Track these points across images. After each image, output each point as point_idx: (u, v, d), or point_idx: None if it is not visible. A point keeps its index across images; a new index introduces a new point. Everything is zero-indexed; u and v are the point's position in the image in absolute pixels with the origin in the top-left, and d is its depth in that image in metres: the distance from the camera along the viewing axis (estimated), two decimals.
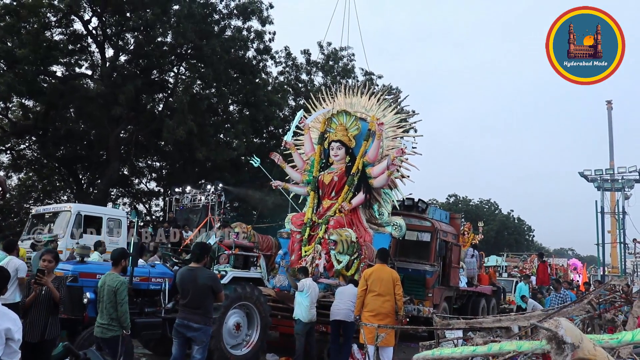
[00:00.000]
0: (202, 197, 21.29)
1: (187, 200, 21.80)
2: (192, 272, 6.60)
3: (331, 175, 12.13)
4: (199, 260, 6.68)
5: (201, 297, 6.47)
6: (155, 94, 27.91)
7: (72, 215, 15.01)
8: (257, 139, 30.19)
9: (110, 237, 15.54)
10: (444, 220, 14.35)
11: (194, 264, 6.69)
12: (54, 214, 15.86)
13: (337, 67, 30.91)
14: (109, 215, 16.26)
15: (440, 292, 13.10)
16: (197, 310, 6.47)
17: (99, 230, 15.52)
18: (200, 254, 6.75)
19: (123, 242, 15.64)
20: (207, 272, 6.76)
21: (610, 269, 38.56)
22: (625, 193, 38.43)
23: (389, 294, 8.17)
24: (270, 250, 12.17)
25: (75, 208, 15.49)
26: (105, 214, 16.29)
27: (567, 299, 11.64)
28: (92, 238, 14.37)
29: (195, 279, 6.49)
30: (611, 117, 45.55)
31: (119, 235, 15.93)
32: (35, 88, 23.15)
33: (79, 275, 7.60)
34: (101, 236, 15.05)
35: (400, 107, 12.71)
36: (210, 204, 20.47)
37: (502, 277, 23.87)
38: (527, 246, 68.40)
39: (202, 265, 6.69)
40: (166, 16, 23.79)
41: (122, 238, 16.00)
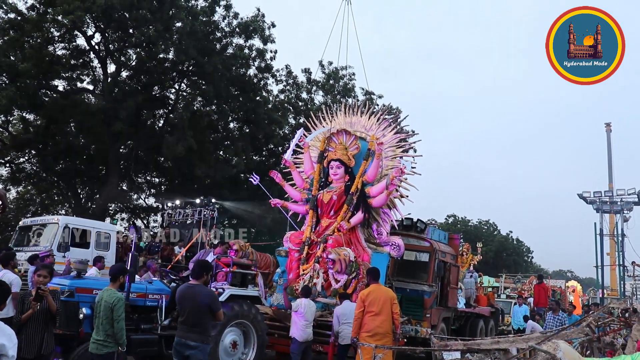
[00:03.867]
0: (195, 212, 20.69)
1: (180, 216, 21.25)
2: (190, 289, 6.48)
3: (330, 194, 12.12)
4: (198, 277, 6.56)
5: (199, 315, 6.37)
6: (156, 110, 28.02)
7: (60, 227, 14.72)
8: (256, 156, 30.27)
9: (99, 250, 15.12)
10: (443, 240, 14.30)
11: (194, 281, 6.57)
12: (41, 226, 15.51)
13: (338, 86, 31.08)
14: (98, 229, 15.91)
15: (438, 312, 13.02)
16: (194, 328, 6.37)
17: (87, 243, 15.20)
18: (200, 271, 6.61)
19: (112, 256, 15.37)
20: (205, 290, 6.59)
21: (610, 292, 38.45)
22: (624, 215, 38.49)
23: (387, 314, 8.11)
24: (269, 268, 12.13)
25: (63, 220, 15.19)
26: (94, 227, 15.90)
27: (565, 321, 11.56)
28: (80, 252, 14.13)
29: (194, 297, 6.38)
30: (610, 140, 45.79)
31: (107, 250, 15.57)
32: (36, 102, 23.27)
33: (76, 290, 7.56)
34: (89, 250, 14.77)
35: (400, 127, 12.72)
36: (202, 220, 19.95)
37: (500, 299, 23.77)
38: (525, 267, 68.24)
39: (201, 282, 6.58)
40: (168, 33, 23.98)
41: (111, 252, 15.69)
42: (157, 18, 23.13)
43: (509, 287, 31.45)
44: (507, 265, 60.82)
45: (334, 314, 9.54)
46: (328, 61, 30.69)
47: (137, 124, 25.38)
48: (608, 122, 45.83)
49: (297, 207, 12.86)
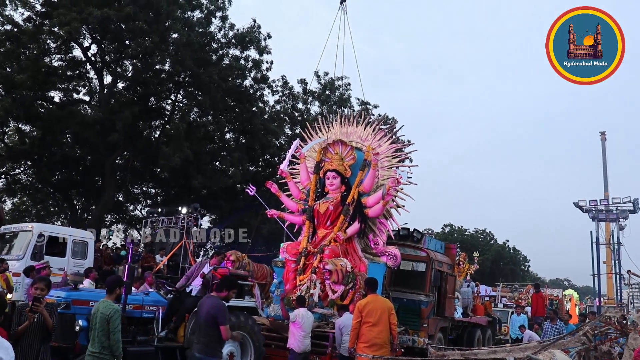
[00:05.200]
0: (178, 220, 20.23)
1: (163, 224, 20.72)
2: (204, 301, 6.58)
3: (327, 204, 12.12)
4: (218, 290, 6.64)
5: (205, 327, 6.39)
6: (152, 121, 28.05)
7: (34, 235, 14.32)
8: (253, 167, 30.27)
9: (75, 259, 14.83)
10: (439, 250, 14.31)
11: (214, 293, 6.66)
12: (14, 234, 15.11)
13: (334, 97, 31.18)
14: (75, 237, 15.42)
15: (435, 322, 13.00)
16: (201, 339, 6.42)
17: (63, 252, 14.79)
18: (220, 285, 6.70)
19: (89, 265, 14.86)
20: (215, 302, 6.51)
21: (606, 300, 38.44)
22: (620, 224, 38.56)
23: (384, 324, 8.09)
24: (265, 279, 12.09)
25: (38, 228, 14.85)
26: (71, 235, 15.46)
27: (563, 330, 11.57)
28: (56, 260, 13.89)
29: (203, 308, 6.44)
30: (605, 148, 45.93)
31: (84, 258, 15.19)
32: (32, 113, 23.29)
33: (72, 302, 7.55)
34: (65, 258, 14.44)
35: (396, 137, 12.76)
36: (185, 228, 19.49)
37: (497, 308, 23.74)
38: (522, 276, 68.19)
39: (221, 296, 6.58)
40: (165, 44, 24.06)
41: (89, 261, 15.27)
42: (153, 29, 23.21)
43: (506, 296, 31.41)
44: (504, 275, 60.82)
45: (336, 326, 9.51)
46: (324, 72, 30.86)
47: (133, 135, 25.38)
48: (603, 131, 45.97)
49: (294, 217, 12.86)
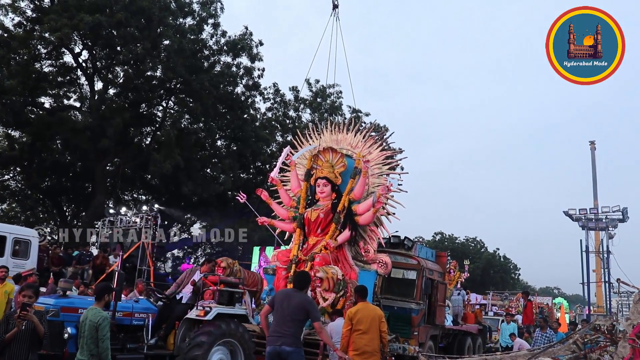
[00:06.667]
0: (137, 219, 18.76)
1: (122, 223, 19.30)
2: (291, 294, 7.27)
3: (317, 212, 12.10)
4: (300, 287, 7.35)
5: (292, 319, 7.04)
6: (143, 127, 27.99)
7: None
8: (244, 174, 30.24)
9: (16, 259, 14.06)
10: (430, 258, 14.33)
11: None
12: None
13: (325, 104, 31.24)
14: (16, 235, 14.68)
15: (426, 330, 12.99)
16: (286, 331, 7.05)
17: (2, 251, 13.98)
18: (297, 281, 7.49)
19: (32, 265, 14.16)
20: (308, 297, 7.37)
21: (596, 308, 38.63)
22: (610, 232, 38.79)
23: (374, 332, 8.07)
24: (256, 286, 12.03)
25: None
26: (11, 232, 14.69)
27: (553, 338, 11.61)
28: None
29: (293, 300, 7.07)
30: (595, 158, 46.30)
31: (26, 258, 14.42)
32: (22, 119, 23.17)
33: (61, 309, 7.47)
34: (4, 258, 13.60)
35: (387, 145, 12.78)
36: (143, 227, 17.95)
37: (488, 316, 23.78)
38: (513, 285, 68.37)
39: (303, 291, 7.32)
40: (156, 51, 24.03)
41: (31, 261, 14.47)
42: (145, 36, 23.18)
43: (497, 305, 31.49)
44: (495, 283, 60.91)
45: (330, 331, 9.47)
46: (315, 79, 30.93)
47: (124, 141, 25.31)
48: (592, 140, 46.45)
49: (284, 225, 12.83)
